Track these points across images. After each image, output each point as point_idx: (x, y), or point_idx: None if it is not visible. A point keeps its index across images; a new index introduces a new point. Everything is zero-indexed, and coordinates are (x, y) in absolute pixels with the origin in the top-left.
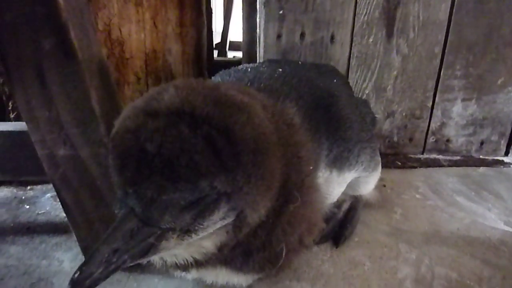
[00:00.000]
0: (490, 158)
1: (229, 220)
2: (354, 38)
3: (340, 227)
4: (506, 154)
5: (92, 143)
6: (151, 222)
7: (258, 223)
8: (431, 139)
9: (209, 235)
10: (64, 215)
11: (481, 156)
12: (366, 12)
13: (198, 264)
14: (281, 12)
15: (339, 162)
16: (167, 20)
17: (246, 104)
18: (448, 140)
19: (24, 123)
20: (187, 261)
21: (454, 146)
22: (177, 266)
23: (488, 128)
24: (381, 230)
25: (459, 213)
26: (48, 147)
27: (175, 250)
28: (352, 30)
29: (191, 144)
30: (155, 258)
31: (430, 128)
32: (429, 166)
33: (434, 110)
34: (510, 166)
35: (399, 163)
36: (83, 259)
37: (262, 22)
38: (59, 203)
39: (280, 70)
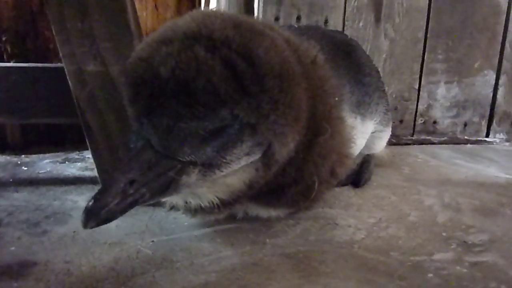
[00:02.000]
0: (474, 138)
1: (255, 157)
2: (346, 22)
3: (356, 175)
4: (487, 135)
5: (123, 59)
6: (170, 153)
7: (288, 160)
8: (419, 121)
9: (235, 172)
10: (69, 172)
11: (465, 137)
12: None
13: (224, 205)
14: None
15: (362, 108)
16: (167, 5)
17: (268, 32)
18: (435, 122)
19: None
20: (212, 203)
21: (440, 128)
22: (202, 209)
23: (469, 110)
24: (396, 179)
25: (462, 168)
26: (77, 62)
27: (198, 189)
28: (344, 15)
29: (208, 65)
30: (178, 201)
31: (418, 110)
32: (421, 144)
33: (421, 92)
34: (493, 144)
35: (394, 141)
36: None
37: (261, 5)
38: (61, 164)
39: (296, 26)
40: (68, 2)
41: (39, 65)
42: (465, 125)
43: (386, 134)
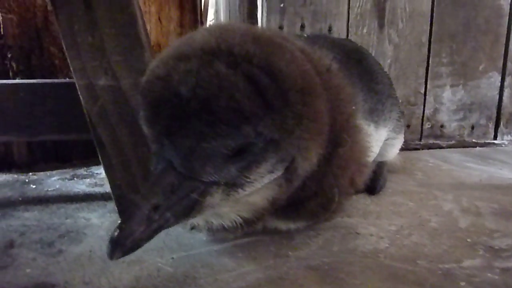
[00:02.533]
0: (482, 141)
1: (278, 174)
2: (350, 29)
3: (371, 182)
4: (495, 137)
5: (135, 72)
6: (193, 175)
7: (309, 174)
8: (427, 125)
9: (258, 190)
10: (79, 189)
11: (473, 140)
12: (359, 5)
13: (247, 223)
14: (282, 5)
15: (375, 115)
16: (170, 18)
17: (286, 45)
18: (442, 126)
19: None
20: (235, 222)
21: (448, 131)
22: (225, 229)
23: (476, 113)
24: (410, 184)
25: (475, 172)
26: (87, 77)
27: (221, 209)
28: (348, 22)
29: (230, 82)
30: (200, 222)
31: (425, 114)
32: (430, 148)
33: (427, 97)
34: (502, 146)
35: (403, 146)
36: (114, 216)
37: (264, 15)
38: (70, 181)
39: (306, 35)
40: (78, 16)
41: (48, 81)
42: (472, 128)
43: (399, 141)
